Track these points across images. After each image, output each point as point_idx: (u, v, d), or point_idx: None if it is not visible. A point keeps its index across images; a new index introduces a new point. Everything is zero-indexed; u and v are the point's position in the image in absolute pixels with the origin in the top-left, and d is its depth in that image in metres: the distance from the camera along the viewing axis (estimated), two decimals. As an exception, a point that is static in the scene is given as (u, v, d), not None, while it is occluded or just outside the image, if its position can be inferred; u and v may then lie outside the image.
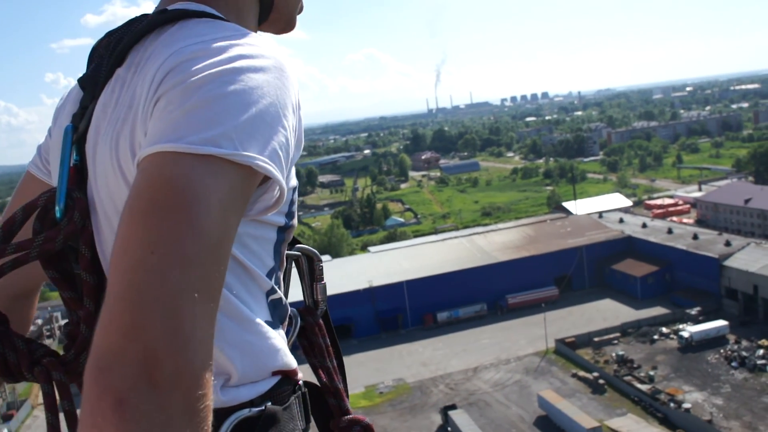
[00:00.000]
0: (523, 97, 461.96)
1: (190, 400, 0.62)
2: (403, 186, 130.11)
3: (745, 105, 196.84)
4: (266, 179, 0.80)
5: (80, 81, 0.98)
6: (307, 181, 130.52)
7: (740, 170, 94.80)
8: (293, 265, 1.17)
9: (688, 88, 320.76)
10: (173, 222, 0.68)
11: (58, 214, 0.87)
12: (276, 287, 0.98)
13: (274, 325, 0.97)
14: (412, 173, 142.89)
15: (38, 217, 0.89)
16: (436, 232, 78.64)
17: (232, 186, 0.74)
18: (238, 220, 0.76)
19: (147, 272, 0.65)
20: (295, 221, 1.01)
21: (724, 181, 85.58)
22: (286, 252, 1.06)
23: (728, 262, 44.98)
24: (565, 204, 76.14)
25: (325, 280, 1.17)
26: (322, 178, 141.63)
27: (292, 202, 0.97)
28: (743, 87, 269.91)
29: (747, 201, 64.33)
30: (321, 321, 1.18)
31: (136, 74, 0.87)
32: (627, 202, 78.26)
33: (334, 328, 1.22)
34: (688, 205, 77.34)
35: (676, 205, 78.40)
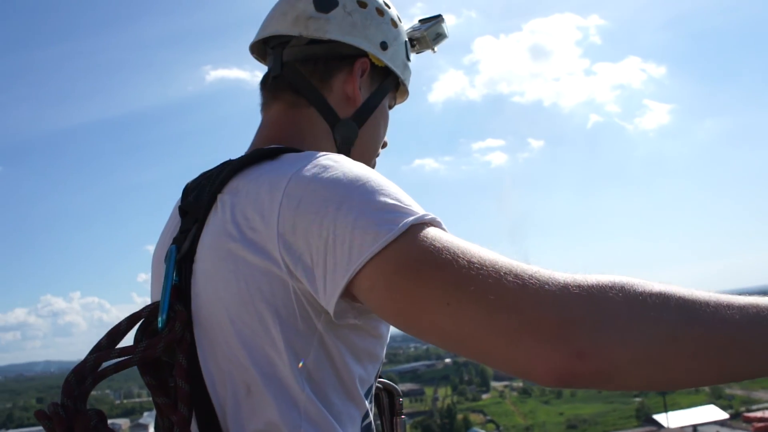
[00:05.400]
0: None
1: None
2: (484, 396, 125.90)
3: None
4: None
5: (181, 208, 1.02)
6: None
7: None
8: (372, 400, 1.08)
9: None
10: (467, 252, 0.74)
11: (160, 324, 0.90)
12: (369, 410, 0.96)
13: None
14: (494, 383, 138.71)
15: (140, 328, 0.93)
16: (519, 445, 75.16)
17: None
18: None
19: (510, 276, 0.71)
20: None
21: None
22: None
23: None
24: (655, 416, 72.18)
25: None
26: (402, 387, 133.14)
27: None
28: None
29: None
30: None
31: (243, 196, 0.90)
32: (723, 415, 73.25)
33: None
34: (793, 419, 71.66)
35: (779, 418, 72.78)
